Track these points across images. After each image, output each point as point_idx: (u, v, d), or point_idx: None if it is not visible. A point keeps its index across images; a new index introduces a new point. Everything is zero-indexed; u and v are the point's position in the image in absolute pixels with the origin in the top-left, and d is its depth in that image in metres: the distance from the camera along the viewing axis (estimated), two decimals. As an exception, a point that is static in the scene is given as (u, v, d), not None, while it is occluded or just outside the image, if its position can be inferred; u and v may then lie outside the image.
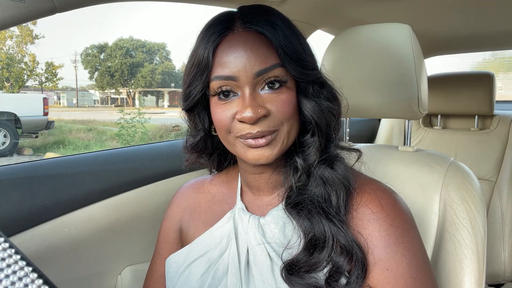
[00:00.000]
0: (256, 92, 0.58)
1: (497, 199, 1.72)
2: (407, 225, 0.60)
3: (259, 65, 0.56)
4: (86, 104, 31.83)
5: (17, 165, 0.93)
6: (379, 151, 0.98)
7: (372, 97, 0.92)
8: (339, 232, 0.57)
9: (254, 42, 0.57)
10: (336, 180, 0.60)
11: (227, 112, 0.59)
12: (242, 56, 0.56)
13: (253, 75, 0.56)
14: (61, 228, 0.90)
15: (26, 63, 19.50)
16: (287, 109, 0.58)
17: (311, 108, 0.61)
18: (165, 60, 29.03)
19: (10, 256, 0.30)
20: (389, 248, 0.57)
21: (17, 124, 8.20)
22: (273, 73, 0.57)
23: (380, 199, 0.60)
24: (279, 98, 0.58)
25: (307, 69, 0.60)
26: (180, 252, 0.72)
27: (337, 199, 0.59)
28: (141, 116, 9.40)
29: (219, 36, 0.58)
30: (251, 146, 0.58)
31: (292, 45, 0.58)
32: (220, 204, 0.74)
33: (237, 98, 0.58)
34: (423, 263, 0.58)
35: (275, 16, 0.60)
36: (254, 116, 0.55)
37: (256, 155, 0.59)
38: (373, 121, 2.25)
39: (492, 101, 1.79)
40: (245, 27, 0.58)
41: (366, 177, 0.66)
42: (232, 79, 0.57)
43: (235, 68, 0.57)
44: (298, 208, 0.60)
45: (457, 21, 1.55)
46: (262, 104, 0.57)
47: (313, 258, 0.57)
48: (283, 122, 0.59)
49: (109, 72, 27.01)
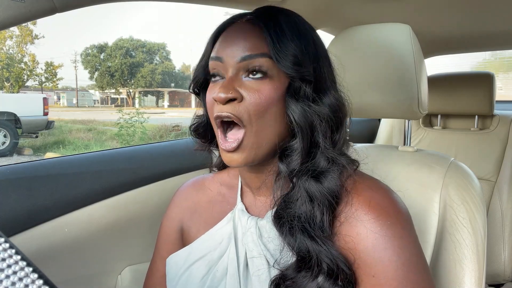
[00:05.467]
0: (238, 77, 0.58)
1: (497, 199, 1.72)
2: (401, 227, 0.55)
3: (246, 51, 0.57)
4: (86, 104, 31.83)
5: (17, 165, 0.93)
6: (379, 151, 0.98)
7: (372, 97, 0.92)
8: (322, 250, 0.54)
9: (248, 30, 0.59)
10: (321, 196, 0.56)
11: (211, 93, 0.60)
12: (233, 41, 0.58)
13: (238, 59, 0.57)
14: (61, 228, 0.90)
15: (26, 63, 19.50)
16: (260, 101, 0.56)
17: (297, 112, 0.57)
18: (165, 60, 29.04)
19: (10, 257, 0.30)
20: (376, 252, 0.53)
21: (17, 124, 8.21)
22: (258, 61, 0.56)
23: (371, 200, 0.57)
24: (257, 87, 0.56)
25: (297, 65, 0.56)
26: (180, 253, 0.71)
27: (321, 216, 0.55)
28: (140, 116, 9.41)
29: (224, 24, 0.62)
30: (224, 149, 0.59)
31: (285, 37, 0.57)
32: (221, 204, 0.73)
33: (222, 81, 0.59)
34: (416, 267, 0.53)
35: (281, 14, 0.61)
36: (223, 96, 0.55)
37: (228, 157, 0.59)
38: (373, 121, 2.25)
39: (492, 101, 1.79)
40: (247, 19, 0.61)
41: (362, 175, 0.62)
42: (220, 60, 0.59)
43: (223, 51, 0.59)
44: (280, 222, 0.58)
45: (457, 21, 1.55)
46: (237, 88, 0.57)
47: (301, 277, 0.54)
48: (251, 116, 0.56)
49: (109, 72, 27.01)
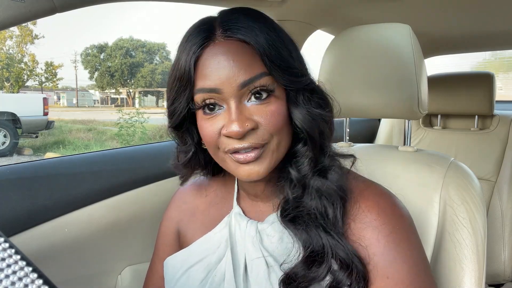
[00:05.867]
0: (243, 104, 0.55)
1: (497, 199, 1.72)
2: (407, 230, 0.58)
3: (243, 75, 0.53)
4: (86, 104, 31.82)
5: (17, 165, 0.93)
6: (379, 151, 0.98)
7: (372, 97, 0.92)
8: (338, 245, 0.55)
9: (236, 51, 0.54)
10: (331, 191, 0.58)
11: (213, 127, 0.56)
12: (225, 67, 0.53)
13: (237, 86, 0.53)
14: (61, 228, 0.90)
15: (26, 63, 19.50)
16: (277, 120, 0.55)
17: (301, 117, 0.57)
18: (165, 60, 29.01)
19: (10, 256, 0.30)
20: (388, 255, 0.55)
21: (17, 124, 8.21)
22: (259, 83, 0.54)
23: (379, 204, 0.59)
24: (268, 109, 0.55)
25: (295, 76, 0.56)
26: (177, 255, 0.71)
27: (333, 211, 0.57)
28: (140, 116, 9.41)
29: (200, 47, 0.54)
30: (240, 162, 0.56)
31: (278, 51, 0.55)
32: (218, 207, 0.73)
33: (223, 111, 0.55)
34: (423, 269, 0.56)
35: (258, 21, 0.56)
36: (241, 130, 0.52)
37: (247, 170, 0.56)
38: (373, 121, 2.25)
39: (492, 101, 1.79)
40: (226, 36, 0.55)
41: (365, 180, 0.64)
42: (216, 92, 0.54)
43: (218, 80, 0.53)
44: (296, 222, 0.58)
45: (457, 21, 1.55)
46: (249, 116, 0.54)
47: (312, 272, 0.55)
48: (272, 134, 0.55)
49: (109, 72, 27.00)
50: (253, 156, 0.55)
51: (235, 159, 0.56)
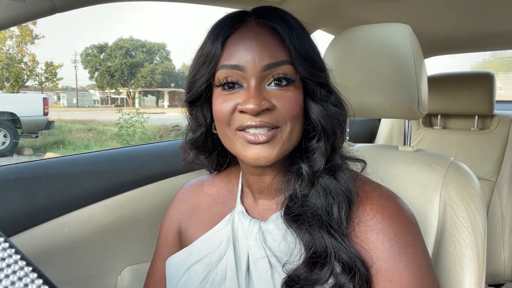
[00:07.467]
0: (263, 86, 0.56)
1: (497, 199, 1.72)
2: (412, 234, 0.58)
3: (268, 59, 0.55)
4: (86, 104, 31.80)
5: (17, 165, 0.93)
6: (379, 151, 0.98)
7: (372, 97, 0.92)
8: (341, 247, 0.55)
9: (266, 36, 0.57)
10: (339, 191, 0.58)
11: (229, 103, 0.57)
12: (252, 47, 0.56)
13: (261, 68, 0.55)
14: (61, 228, 0.90)
15: (26, 63, 19.50)
16: (293, 107, 0.57)
17: (318, 111, 0.59)
18: (165, 60, 29.02)
19: (10, 256, 0.30)
20: (392, 259, 0.55)
21: (17, 124, 8.20)
22: (282, 69, 0.56)
23: (384, 207, 0.58)
24: (286, 95, 0.57)
25: (316, 70, 0.59)
26: (179, 255, 0.71)
27: (338, 211, 0.57)
28: (140, 116, 9.41)
29: (231, 28, 0.58)
30: (250, 142, 0.56)
31: (303, 44, 0.58)
32: (219, 206, 0.72)
33: (242, 90, 0.57)
34: (426, 273, 0.56)
35: (288, 16, 0.60)
36: (257, 108, 0.54)
37: (256, 153, 0.56)
38: (373, 121, 2.25)
39: (492, 101, 1.79)
40: (259, 22, 0.58)
41: (372, 182, 0.64)
42: (239, 69, 0.56)
43: (243, 58, 0.56)
44: (299, 221, 0.58)
45: (457, 21, 1.55)
46: (267, 97, 0.56)
47: (314, 275, 0.55)
48: (286, 120, 0.57)
49: (109, 72, 27.00)
50: (264, 139, 0.56)
51: (245, 139, 0.57)
